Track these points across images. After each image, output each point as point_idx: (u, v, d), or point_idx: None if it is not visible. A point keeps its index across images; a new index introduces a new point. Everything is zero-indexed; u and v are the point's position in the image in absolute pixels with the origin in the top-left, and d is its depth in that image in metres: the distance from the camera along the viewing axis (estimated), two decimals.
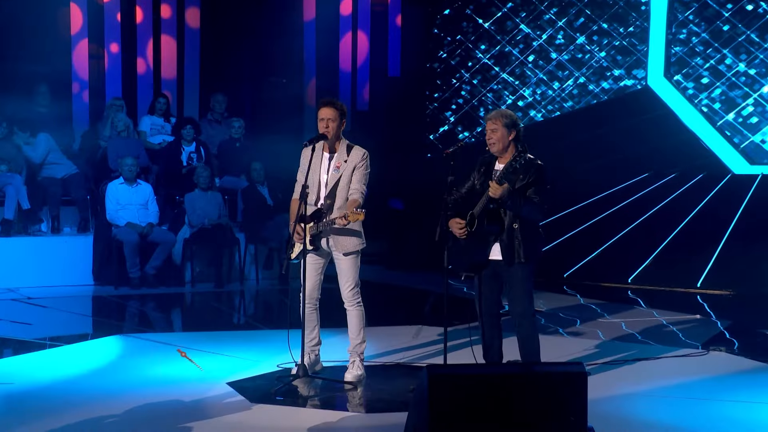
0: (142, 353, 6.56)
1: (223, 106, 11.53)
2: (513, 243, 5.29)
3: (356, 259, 5.68)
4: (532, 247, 5.31)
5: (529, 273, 5.34)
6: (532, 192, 5.28)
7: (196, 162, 10.56)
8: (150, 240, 9.63)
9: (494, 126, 5.37)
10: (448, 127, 12.33)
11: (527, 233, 5.30)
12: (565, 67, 11.73)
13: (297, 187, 5.73)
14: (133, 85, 11.96)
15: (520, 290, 5.33)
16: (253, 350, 6.62)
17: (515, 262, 5.31)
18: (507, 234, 5.30)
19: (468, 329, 5.76)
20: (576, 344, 6.99)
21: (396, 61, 13.38)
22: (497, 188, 5.24)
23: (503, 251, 5.32)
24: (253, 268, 10.36)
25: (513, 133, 5.35)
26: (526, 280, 5.33)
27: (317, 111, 5.63)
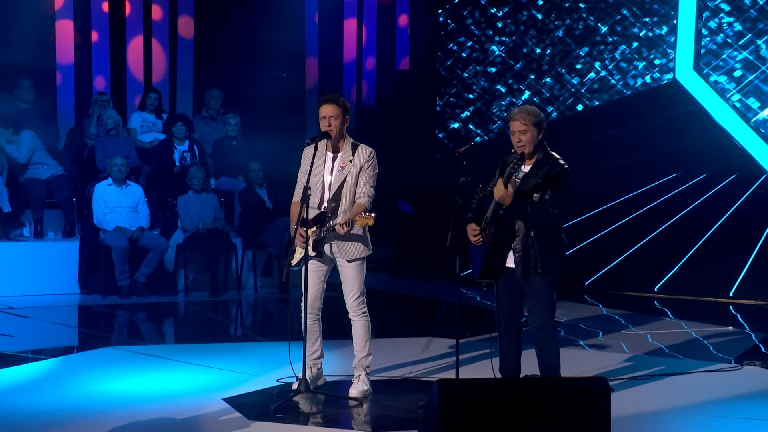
0: (132, 367, 6.56)
1: (219, 102, 11.54)
2: (529, 252, 5.26)
3: (361, 267, 5.67)
4: (552, 256, 5.27)
5: (550, 282, 5.31)
6: (547, 195, 5.26)
7: (189, 162, 10.58)
8: (140, 245, 9.65)
9: (524, 126, 5.31)
10: (460, 124, 12.33)
11: (546, 241, 5.26)
12: (585, 60, 11.72)
13: (297, 189, 5.72)
14: (121, 79, 11.98)
15: (539, 300, 5.31)
16: (252, 364, 6.61)
17: (531, 272, 5.29)
18: (522, 242, 5.28)
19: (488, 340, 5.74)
20: (598, 358, 6.96)
21: (404, 53, 13.39)
22: (501, 191, 5.22)
23: (517, 261, 5.29)
24: (251, 275, 10.36)
25: (542, 131, 5.33)
26: (545, 290, 5.30)
27: (318, 108, 5.63)
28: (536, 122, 5.32)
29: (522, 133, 5.33)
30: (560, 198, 5.26)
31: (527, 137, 5.33)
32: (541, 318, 5.33)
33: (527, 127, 5.31)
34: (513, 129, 5.36)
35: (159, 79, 12.20)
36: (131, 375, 6.33)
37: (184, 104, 12.29)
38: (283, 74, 12.72)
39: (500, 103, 12.14)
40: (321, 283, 5.73)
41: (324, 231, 5.54)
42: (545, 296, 5.31)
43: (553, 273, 5.31)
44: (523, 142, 5.33)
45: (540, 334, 5.36)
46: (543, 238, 5.27)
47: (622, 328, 8.31)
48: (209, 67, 12.25)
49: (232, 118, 11.08)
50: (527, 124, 5.31)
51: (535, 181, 5.27)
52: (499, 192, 5.23)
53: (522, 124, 5.33)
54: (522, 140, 5.33)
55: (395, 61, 13.39)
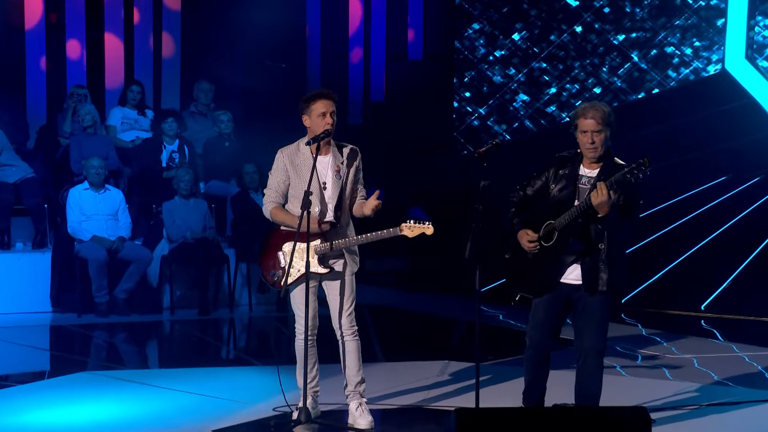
0: (111, 394, 6.54)
1: (210, 96, 11.56)
2: (597, 267, 5.24)
3: (352, 280, 5.72)
4: (617, 275, 5.27)
5: (610, 304, 5.30)
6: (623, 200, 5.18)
7: (177, 163, 10.59)
8: (121, 258, 9.65)
9: (598, 126, 5.19)
10: (479, 121, 12.32)
11: (613, 257, 5.25)
12: (620, 49, 11.69)
13: (273, 198, 5.70)
14: (99, 70, 12.00)
15: (596, 322, 5.27)
16: (245, 390, 6.60)
17: (598, 289, 5.26)
18: (591, 256, 5.25)
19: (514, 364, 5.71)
20: (637, 385, 6.93)
21: (418, 42, 13.39)
22: (604, 195, 5.05)
23: (585, 275, 5.25)
24: (245, 291, 10.36)
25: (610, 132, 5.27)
26: (604, 312, 5.28)
27: (310, 105, 5.61)
28: (609, 122, 5.26)
29: (596, 133, 5.21)
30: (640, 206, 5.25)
31: (600, 139, 5.23)
32: (594, 342, 5.29)
33: (602, 126, 5.22)
34: (585, 128, 5.24)
35: (144, 59, 12.21)
36: (110, 403, 6.30)
37: (169, 98, 12.30)
38: (281, 65, 12.74)
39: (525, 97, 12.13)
40: (316, 302, 5.75)
41: (335, 244, 5.56)
42: (603, 318, 5.29)
43: (615, 294, 5.32)
44: (597, 145, 5.24)
45: (588, 360, 5.32)
46: (611, 254, 5.25)
47: (664, 351, 8.27)
48: (198, 56, 12.26)
49: (224, 115, 11.09)
50: (602, 123, 5.22)
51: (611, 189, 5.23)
52: (601, 197, 5.06)
53: (597, 123, 5.21)
54: (596, 142, 5.23)
55: (406, 51, 13.40)
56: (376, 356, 7.81)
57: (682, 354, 8.13)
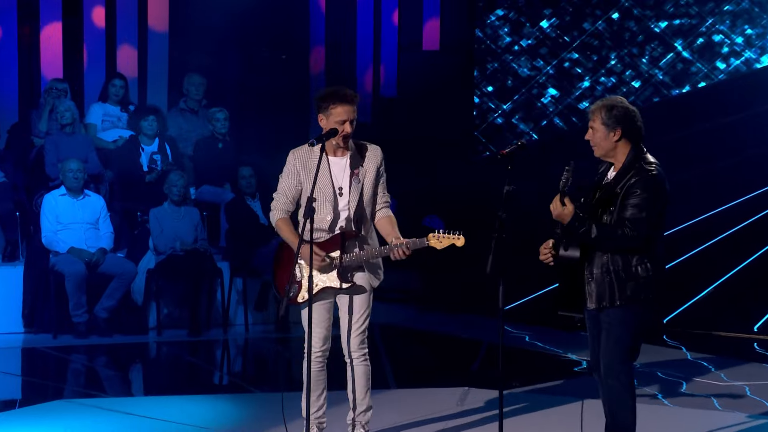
0: (90, 425, 6.52)
1: (201, 91, 11.56)
2: (603, 280, 5.29)
3: (368, 298, 5.74)
4: (634, 286, 5.27)
5: (627, 318, 5.29)
6: (627, 212, 5.25)
7: (159, 166, 10.60)
8: (101, 272, 9.66)
9: (593, 124, 5.40)
10: (503, 119, 12.31)
11: (627, 266, 5.27)
12: (661, 38, 11.68)
13: (281, 204, 5.73)
14: (78, 62, 12.02)
15: (610, 338, 5.30)
16: (241, 420, 6.58)
17: (605, 305, 5.29)
18: (597, 267, 5.30)
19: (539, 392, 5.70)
20: (681, 416, 6.90)
21: (434, 29, 13.40)
22: (557, 207, 5.26)
23: (590, 291, 5.32)
24: (241, 309, 10.36)
25: (617, 131, 5.34)
26: (619, 326, 5.29)
27: (329, 107, 5.60)
28: (611, 119, 5.32)
29: (592, 130, 5.40)
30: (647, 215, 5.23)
31: (597, 137, 5.37)
32: (609, 360, 5.31)
33: (596, 125, 5.36)
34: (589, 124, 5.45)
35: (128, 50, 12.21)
36: None
37: (156, 93, 12.30)
38: (281, 56, 12.75)
39: (553, 92, 12.13)
40: (329, 320, 5.74)
41: (353, 257, 5.60)
42: (618, 334, 5.29)
43: (634, 307, 5.30)
44: (593, 143, 5.40)
45: (608, 382, 5.34)
46: (622, 265, 5.27)
47: (712, 378, 8.24)
48: (188, 46, 12.27)
49: (220, 113, 11.09)
50: (596, 121, 5.36)
51: (610, 193, 5.27)
52: (555, 210, 5.26)
53: (591, 121, 5.40)
54: (592, 141, 5.40)
55: (421, 40, 13.39)
56: (386, 382, 7.80)
57: (732, 381, 8.09)
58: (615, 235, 5.23)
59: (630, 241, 5.22)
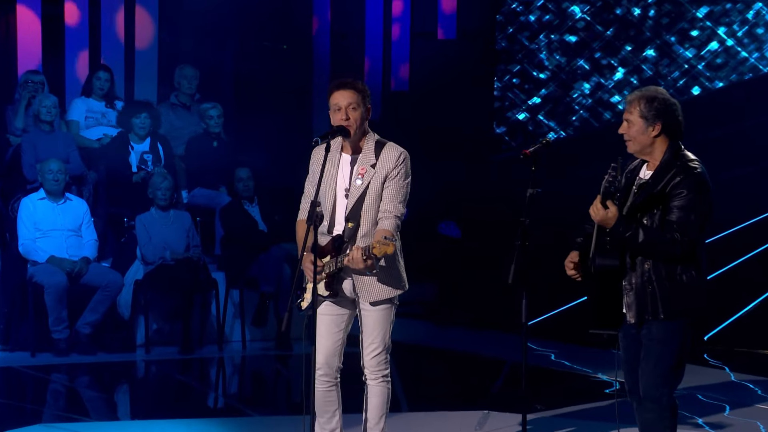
0: None
1: (194, 85, 11.57)
2: (644, 291, 5.28)
3: (389, 312, 5.69)
4: (679, 297, 5.26)
5: (672, 334, 5.28)
6: (673, 214, 5.24)
7: (151, 167, 10.62)
8: (84, 283, 9.68)
9: (628, 116, 5.34)
10: (526, 114, 12.33)
11: (671, 276, 5.26)
12: (703, 25, 11.69)
13: (305, 203, 5.75)
14: (58, 52, 12.03)
15: (653, 356, 5.28)
16: None
17: (647, 318, 5.28)
18: (636, 277, 5.29)
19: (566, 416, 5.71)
20: None
21: (450, 15, 13.41)
22: (599, 211, 5.22)
23: (629, 303, 5.29)
24: (238, 324, 10.37)
25: (656, 126, 5.32)
26: (664, 343, 5.28)
27: (328, 97, 5.67)
28: (650, 111, 5.30)
29: (627, 123, 5.35)
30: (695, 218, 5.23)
31: (633, 131, 5.33)
32: (651, 381, 5.29)
33: (632, 117, 5.33)
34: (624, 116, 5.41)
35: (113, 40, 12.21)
36: None
37: (144, 86, 12.30)
38: (282, 46, 12.77)
39: (583, 86, 12.14)
40: (339, 334, 5.73)
41: (340, 262, 5.58)
42: (660, 352, 5.28)
43: (678, 321, 5.30)
44: (628, 136, 5.36)
45: (646, 406, 5.33)
46: (666, 273, 5.26)
47: (758, 400, 8.23)
48: (179, 31, 12.27)
49: (214, 109, 11.08)
50: (633, 113, 5.32)
51: (651, 193, 5.28)
52: (597, 213, 5.22)
53: (627, 112, 5.36)
54: (627, 133, 5.36)
55: (436, 28, 13.41)
56: (398, 405, 7.81)
57: None
58: (664, 240, 5.19)
59: (679, 246, 5.20)
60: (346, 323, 5.75)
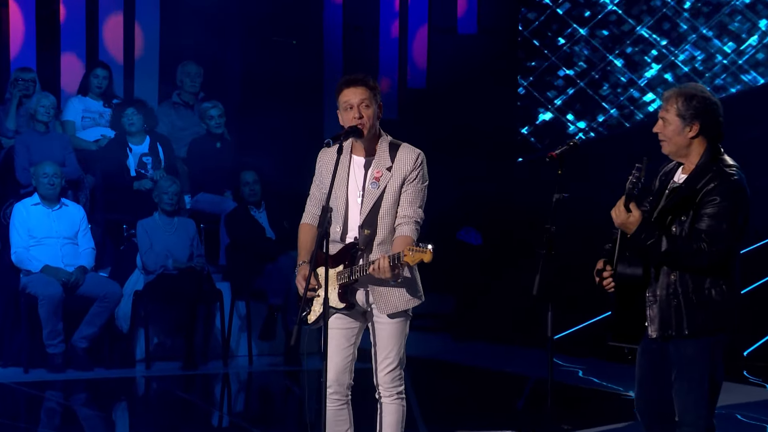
0: None
1: (198, 83, 11.60)
2: (670, 304, 5.25)
3: (404, 324, 5.70)
4: (708, 311, 5.22)
5: (704, 351, 5.25)
6: (703, 222, 5.21)
7: (150, 170, 10.64)
8: (81, 294, 9.71)
9: (665, 114, 5.31)
10: (553, 114, 12.32)
11: (699, 288, 5.23)
12: (745, 16, 11.67)
13: (310, 207, 5.78)
14: (53, 48, 12.06)
15: (684, 378, 5.25)
16: None
17: (671, 334, 5.27)
18: (660, 288, 5.27)
19: None
20: None
21: (471, 9, 13.41)
22: (621, 214, 5.19)
23: (652, 317, 5.27)
24: (244, 337, 10.39)
25: (694, 126, 5.28)
26: (696, 363, 5.24)
27: (337, 95, 5.66)
28: (683, 109, 5.29)
29: (663, 122, 5.32)
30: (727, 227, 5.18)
31: (669, 131, 5.31)
32: (686, 404, 5.26)
33: (669, 116, 5.30)
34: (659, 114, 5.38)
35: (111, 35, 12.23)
36: None
37: (145, 85, 12.32)
38: (291, 41, 12.79)
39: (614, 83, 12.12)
40: (349, 349, 5.73)
41: (356, 272, 5.59)
42: (694, 371, 5.25)
43: (706, 339, 5.26)
44: (663, 137, 5.33)
45: (684, 430, 5.28)
46: (693, 286, 5.23)
47: None
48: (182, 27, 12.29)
49: (214, 108, 11.10)
50: (670, 111, 5.29)
51: (682, 199, 5.27)
52: (618, 216, 5.21)
53: (663, 110, 5.33)
54: (663, 131, 5.33)
55: (455, 22, 13.41)
56: (414, 425, 7.80)
57: None
58: (690, 250, 5.16)
59: (706, 257, 5.15)
60: (356, 337, 5.75)
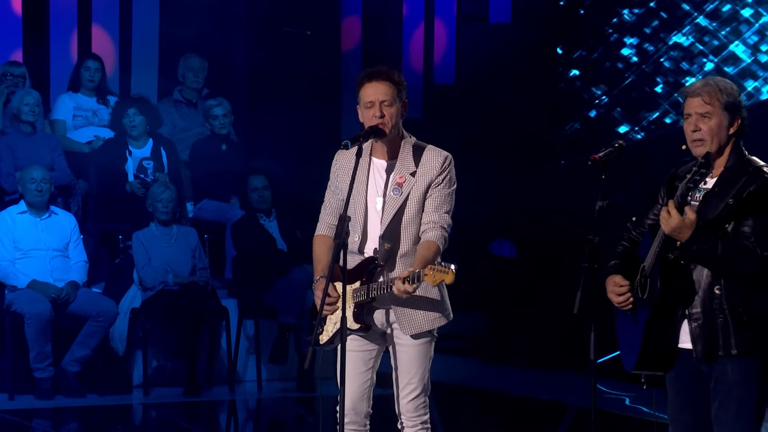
0: None
1: (201, 78, 11.62)
2: (715, 320, 5.22)
3: (429, 346, 5.70)
4: (757, 328, 5.21)
5: (751, 373, 5.23)
6: (747, 225, 5.21)
7: (151, 176, 10.66)
8: (72, 312, 9.72)
9: (707, 107, 5.27)
10: (597, 111, 12.29)
11: (747, 302, 5.21)
12: None
13: (325, 215, 5.79)
14: (40, 39, 12.09)
15: (732, 402, 5.22)
16: None
17: (718, 354, 5.24)
18: (704, 303, 5.24)
19: None
20: None
21: None
22: (675, 219, 5.15)
23: (696, 335, 5.24)
24: (253, 360, 10.39)
25: (736, 122, 5.28)
26: (743, 386, 5.22)
27: (358, 90, 5.68)
28: (729, 104, 5.28)
29: (703, 118, 5.29)
30: None
31: (710, 126, 5.27)
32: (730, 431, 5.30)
33: (713, 109, 5.28)
34: (689, 110, 5.32)
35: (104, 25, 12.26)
36: None
37: (142, 79, 12.35)
38: (305, 32, 12.80)
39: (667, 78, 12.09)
40: (367, 373, 5.74)
41: (373, 290, 5.59)
42: (743, 397, 5.23)
43: (756, 359, 5.24)
44: (703, 134, 5.28)
45: None
46: (741, 298, 5.21)
47: None
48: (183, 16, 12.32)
49: (218, 107, 11.09)
50: (714, 104, 5.27)
51: (725, 203, 5.25)
52: (671, 221, 5.15)
53: (704, 104, 5.28)
54: (702, 130, 5.29)
55: (487, 9, 13.40)
56: None
57: None
58: (751, 256, 5.14)
59: (758, 262, 5.14)
60: (375, 360, 5.76)
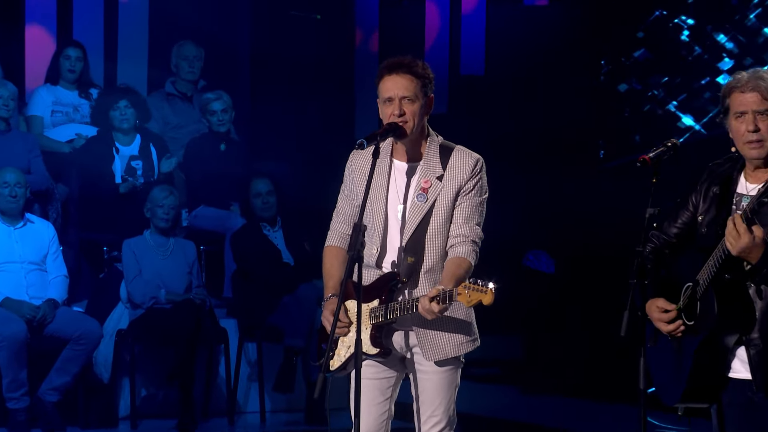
0: None
1: (197, 69, 11.66)
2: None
3: (455, 374, 5.72)
4: None
5: None
6: None
7: (140, 177, 10.68)
8: (50, 334, 9.74)
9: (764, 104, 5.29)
10: (653, 106, 12.28)
11: None
12: None
13: (336, 224, 5.82)
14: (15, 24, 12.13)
15: None
16: None
17: None
18: (762, 330, 5.29)
19: None
20: None
21: None
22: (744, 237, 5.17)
23: (754, 365, 5.29)
24: (255, 388, 10.41)
25: None
26: None
27: (377, 83, 5.71)
28: None
29: (762, 116, 5.32)
30: None
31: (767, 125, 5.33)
32: None
33: None
34: (741, 108, 5.33)
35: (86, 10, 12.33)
36: None
37: (129, 69, 12.40)
38: (315, 16, 12.83)
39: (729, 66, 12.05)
40: (385, 404, 5.76)
41: (395, 310, 5.60)
42: None
43: None
44: (763, 135, 5.31)
45: None
46: None
47: None
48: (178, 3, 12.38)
49: (217, 102, 11.13)
50: None
51: None
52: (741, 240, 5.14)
53: (762, 100, 5.31)
54: (761, 130, 5.30)
55: None
56: None
57: None
58: None
59: None
60: (393, 389, 5.78)
